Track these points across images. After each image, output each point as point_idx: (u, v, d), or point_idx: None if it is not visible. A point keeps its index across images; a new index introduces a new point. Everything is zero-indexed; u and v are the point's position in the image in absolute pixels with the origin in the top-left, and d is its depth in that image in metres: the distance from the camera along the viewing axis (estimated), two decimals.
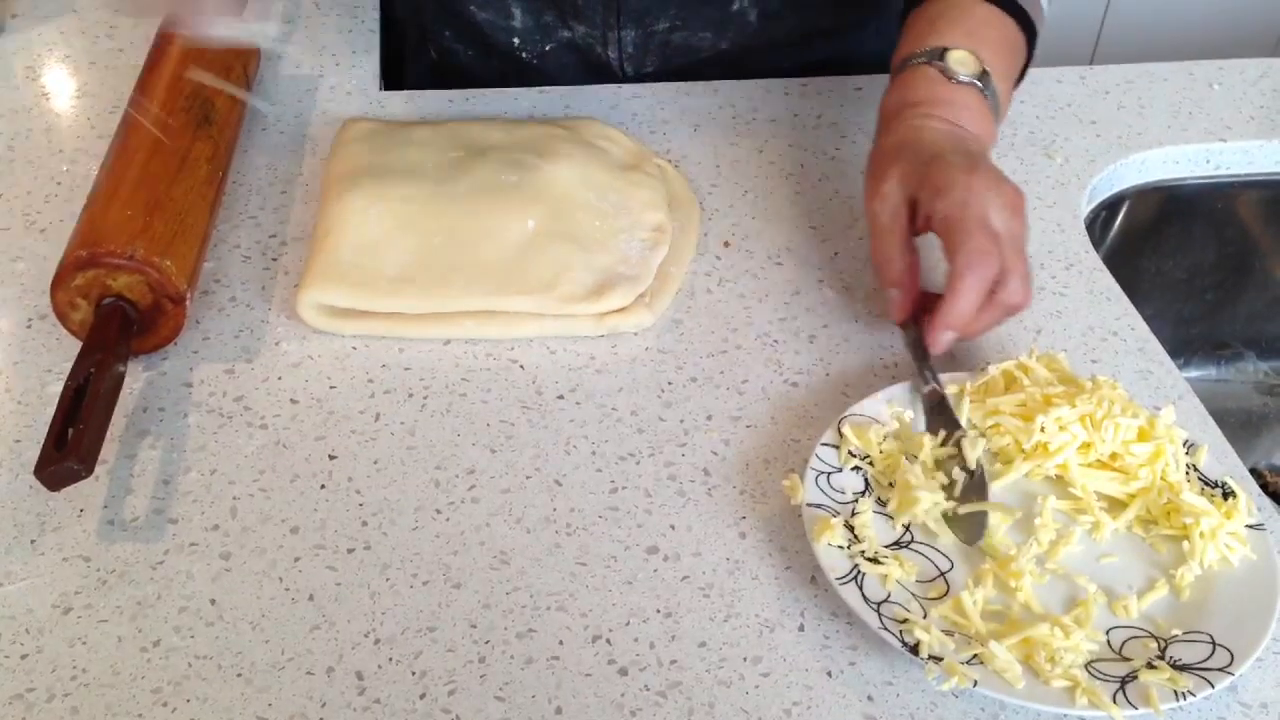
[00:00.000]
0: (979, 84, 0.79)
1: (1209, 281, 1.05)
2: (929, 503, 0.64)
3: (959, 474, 0.65)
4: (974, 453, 0.66)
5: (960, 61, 0.79)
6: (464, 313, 0.75)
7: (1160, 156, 0.97)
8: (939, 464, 0.67)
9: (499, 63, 1.01)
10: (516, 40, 1.00)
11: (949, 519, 0.65)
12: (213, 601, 0.61)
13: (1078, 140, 0.96)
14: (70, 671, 0.57)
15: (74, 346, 0.70)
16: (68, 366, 0.71)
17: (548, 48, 1.00)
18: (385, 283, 0.75)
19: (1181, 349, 1.07)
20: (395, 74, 1.07)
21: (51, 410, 0.68)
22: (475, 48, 1.02)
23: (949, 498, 0.65)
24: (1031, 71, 1.03)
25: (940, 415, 0.68)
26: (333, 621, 0.60)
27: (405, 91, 0.98)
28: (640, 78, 1.01)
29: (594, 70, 1.00)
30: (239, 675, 0.57)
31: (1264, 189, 1.00)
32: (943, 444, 0.67)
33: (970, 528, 0.64)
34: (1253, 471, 0.71)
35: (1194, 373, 1.08)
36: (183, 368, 0.73)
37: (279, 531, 0.64)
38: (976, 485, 0.65)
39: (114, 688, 0.57)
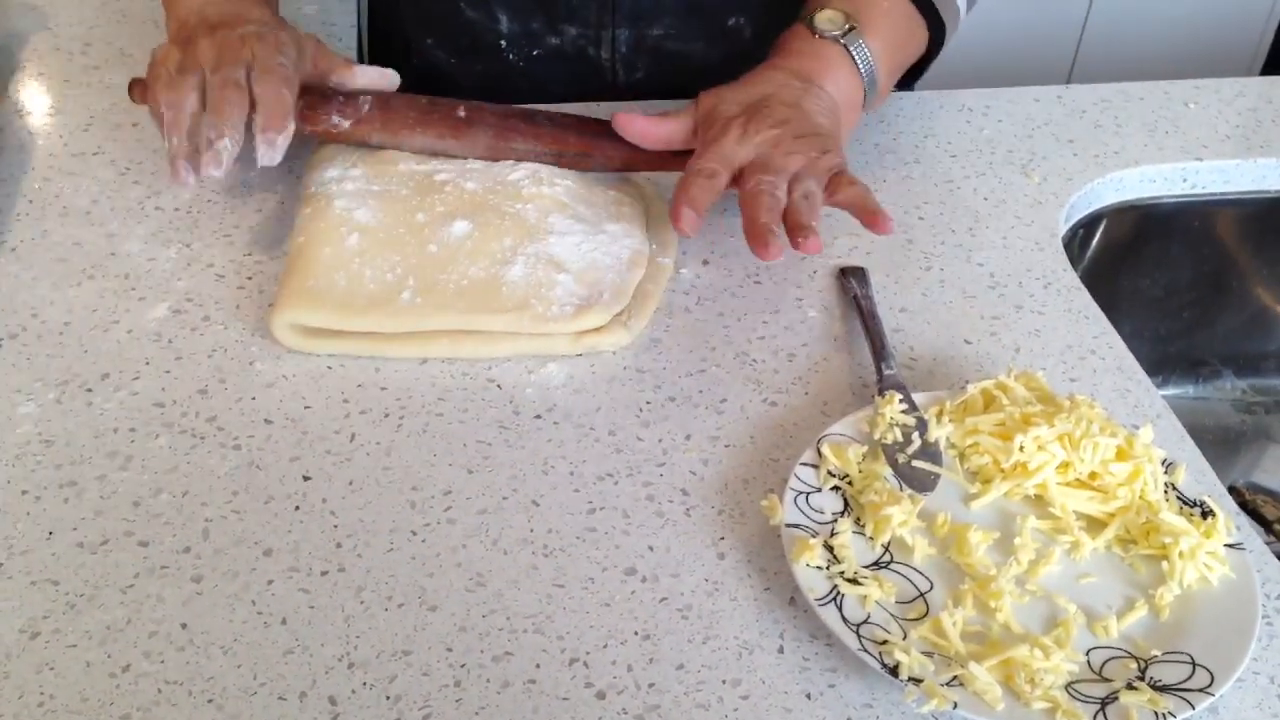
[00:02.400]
0: (842, 40, 0.84)
1: (1186, 300, 1.05)
2: (900, 516, 0.63)
3: (916, 437, 0.67)
4: (938, 432, 0.68)
5: (828, 19, 0.85)
6: (440, 332, 0.74)
7: (1137, 175, 0.97)
8: (902, 427, 0.68)
9: (484, 66, 1.00)
10: (504, 43, 0.99)
11: (902, 474, 0.66)
12: (184, 625, 0.60)
13: (1055, 159, 0.96)
14: (38, 698, 0.56)
15: (43, 368, 0.70)
16: (37, 387, 0.71)
17: (535, 53, 0.99)
18: (360, 302, 0.74)
19: (1159, 367, 1.07)
20: None
21: (20, 430, 0.67)
22: (459, 52, 1.01)
23: (903, 454, 0.67)
24: (1009, 91, 1.04)
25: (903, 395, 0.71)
26: (306, 645, 0.59)
27: None
28: (631, 84, 1.01)
29: (583, 75, 1.00)
30: (210, 701, 0.56)
31: (1240, 207, 1.01)
32: (905, 412, 0.69)
33: (923, 479, 0.66)
34: (1231, 490, 0.71)
35: (1172, 391, 1.08)
36: (155, 387, 0.72)
37: (252, 554, 0.63)
38: (932, 451, 0.68)
39: (82, 714, 0.56)
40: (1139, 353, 0.79)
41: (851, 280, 0.82)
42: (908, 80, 0.94)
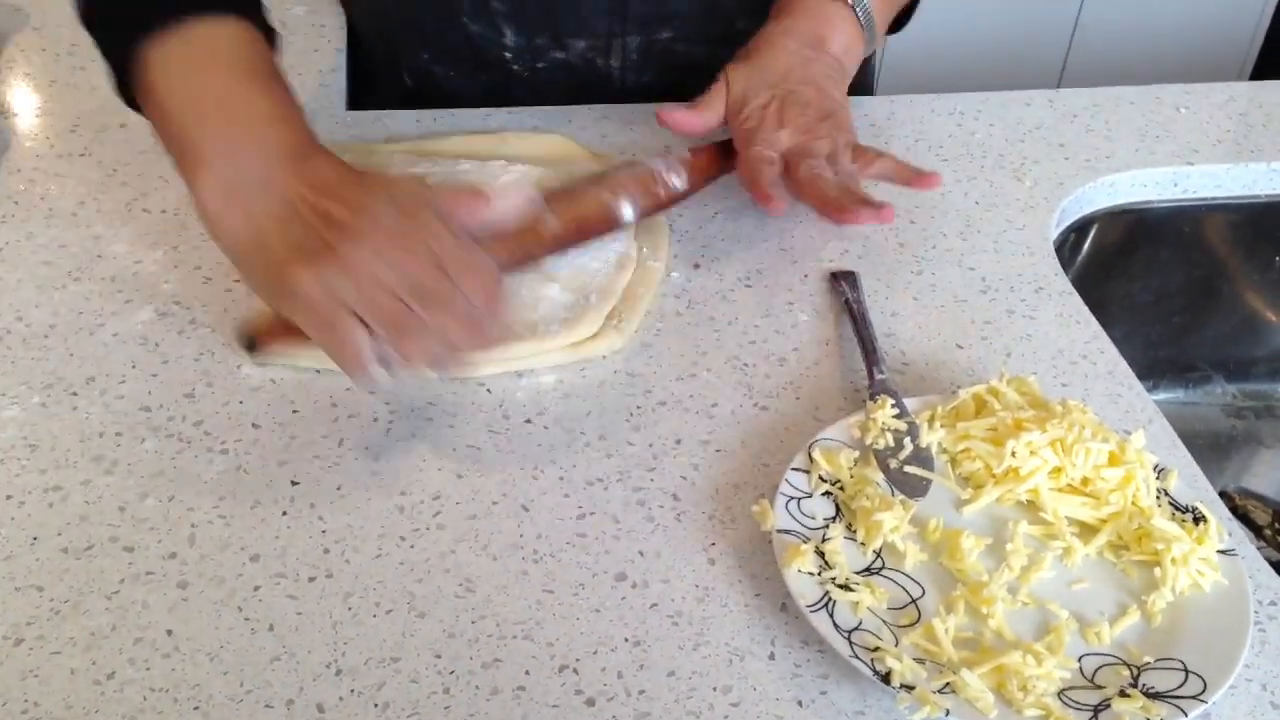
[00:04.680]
0: (849, 1, 0.88)
1: (1177, 304, 1.05)
2: (892, 522, 0.63)
3: (908, 442, 0.67)
4: (930, 437, 0.68)
5: None
6: None
7: (1129, 180, 0.97)
8: (894, 432, 0.68)
9: (487, 77, 0.99)
10: (509, 55, 0.99)
11: (893, 480, 0.66)
12: (169, 632, 0.59)
13: (1047, 163, 0.96)
14: (21, 705, 0.56)
15: (28, 371, 0.69)
16: (22, 390, 0.70)
17: (539, 65, 0.99)
18: None
19: (1150, 371, 1.07)
20: (365, 94, 1.05)
21: (4, 435, 0.66)
22: (460, 66, 1.00)
23: (895, 459, 0.67)
24: (1000, 95, 1.04)
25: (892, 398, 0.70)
26: (293, 652, 0.58)
27: (372, 111, 0.97)
28: (637, 88, 1.00)
29: (588, 84, 1.00)
30: (196, 709, 0.56)
31: (1231, 212, 1.01)
32: (897, 417, 0.69)
33: (915, 484, 0.66)
34: (1221, 494, 0.71)
35: (1162, 395, 1.08)
36: (141, 391, 0.71)
37: (238, 559, 0.62)
38: (924, 456, 0.67)
39: None
40: (1129, 357, 0.79)
41: (843, 284, 0.81)
42: (895, 24, 0.97)
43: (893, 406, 0.69)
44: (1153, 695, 0.56)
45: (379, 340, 0.62)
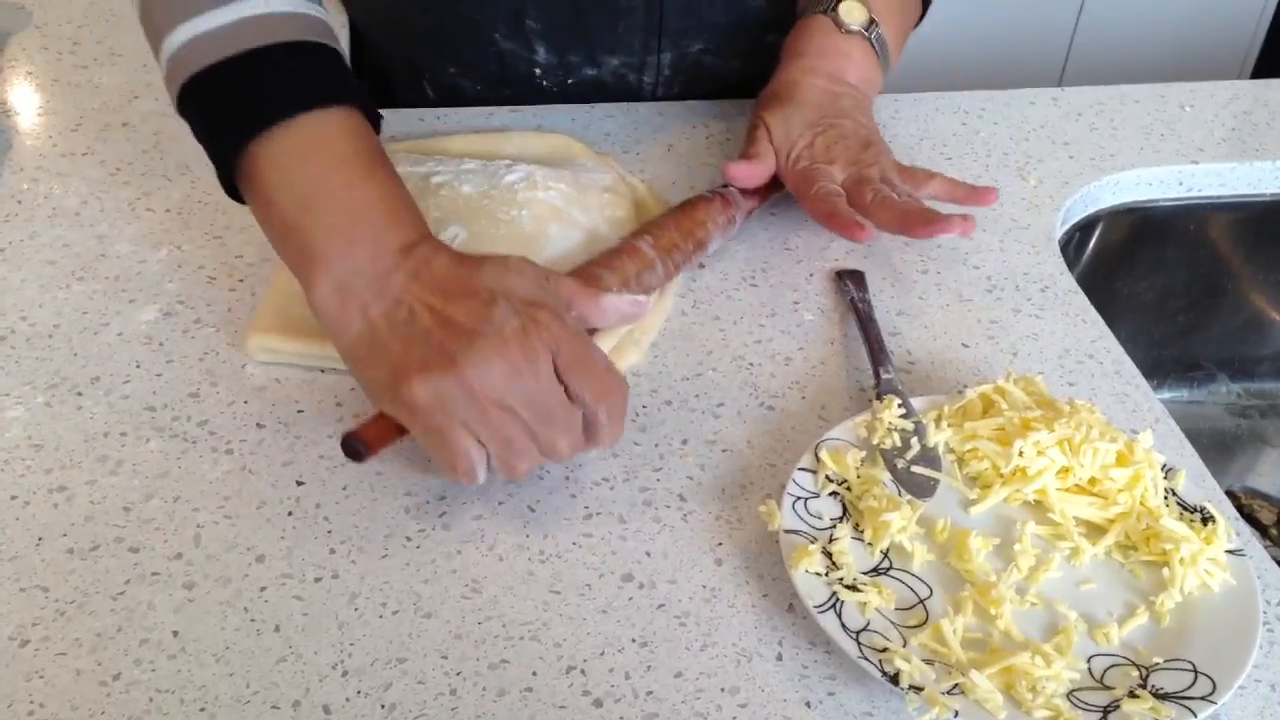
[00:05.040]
0: (865, 33, 0.88)
1: (1181, 303, 1.05)
2: (900, 522, 0.63)
3: (915, 442, 0.67)
4: (937, 437, 0.68)
5: (848, 12, 0.88)
6: None
7: (1133, 178, 0.97)
8: (901, 431, 0.68)
9: (513, 92, 0.99)
10: (538, 71, 0.98)
11: (901, 480, 0.66)
12: (175, 633, 0.59)
13: (1051, 162, 0.96)
14: (27, 706, 0.55)
15: (32, 371, 0.69)
16: (26, 390, 0.70)
17: (570, 81, 0.99)
18: None
19: (1154, 370, 1.07)
20: (380, 100, 1.03)
21: (8, 435, 0.66)
22: (487, 81, 0.99)
23: (902, 459, 0.66)
24: (1004, 93, 1.04)
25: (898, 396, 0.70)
26: (299, 653, 0.58)
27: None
28: (665, 98, 1.01)
29: (617, 97, 1.00)
30: (202, 710, 0.56)
31: (1235, 211, 1.00)
32: (903, 417, 0.68)
33: (922, 484, 0.66)
34: (1227, 494, 0.71)
35: (1166, 394, 1.08)
36: (145, 390, 0.71)
37: (244, 560, 0.62)
38: (931, 456, 0.67)
39: None
40: (1134, 356, 0.79)
41: (848, 283, 0.81)
42: None
43: (899, 406, 0.69)
44: (1162, 696, 0.56)
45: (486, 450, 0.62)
